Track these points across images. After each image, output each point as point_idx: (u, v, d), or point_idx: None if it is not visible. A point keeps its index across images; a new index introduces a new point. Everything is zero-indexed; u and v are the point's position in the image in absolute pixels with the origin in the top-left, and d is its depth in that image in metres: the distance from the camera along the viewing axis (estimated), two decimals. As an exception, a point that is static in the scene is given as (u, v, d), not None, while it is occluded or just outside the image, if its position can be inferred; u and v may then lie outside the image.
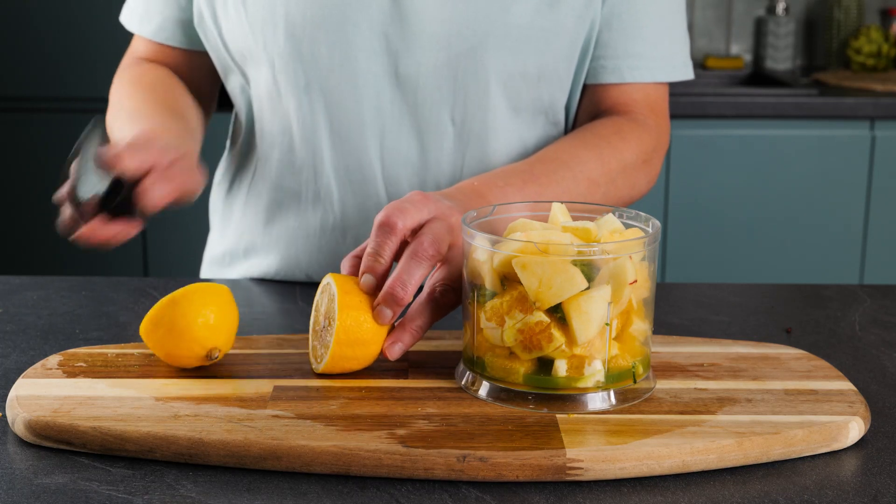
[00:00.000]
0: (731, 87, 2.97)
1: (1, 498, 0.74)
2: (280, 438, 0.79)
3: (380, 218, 0.90)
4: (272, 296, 1.18)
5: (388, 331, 0.90)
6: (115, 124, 1.17)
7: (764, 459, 0.80)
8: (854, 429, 0.82)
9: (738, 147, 2.70)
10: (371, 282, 0.89)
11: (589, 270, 0.82)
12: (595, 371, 0.84)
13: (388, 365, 0.92)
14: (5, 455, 0.80)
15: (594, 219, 0.90)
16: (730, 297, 1.17)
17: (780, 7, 3.16)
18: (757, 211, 2.73)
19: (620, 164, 1.15)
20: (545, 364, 0.84)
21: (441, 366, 0.92)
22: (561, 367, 0.84)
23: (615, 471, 0.77)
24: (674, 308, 1.13)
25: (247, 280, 1.25)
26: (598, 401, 0.84)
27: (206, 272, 1.34)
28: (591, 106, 1.22)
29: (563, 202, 0.92)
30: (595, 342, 0.84)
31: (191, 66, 1.28)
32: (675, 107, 1.92)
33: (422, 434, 0.80)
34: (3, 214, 2.98)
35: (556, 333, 0.83)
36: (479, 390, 0.87)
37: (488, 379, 0.86)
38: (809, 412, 0.84)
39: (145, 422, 0.81)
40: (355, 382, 0.89)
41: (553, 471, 0.77)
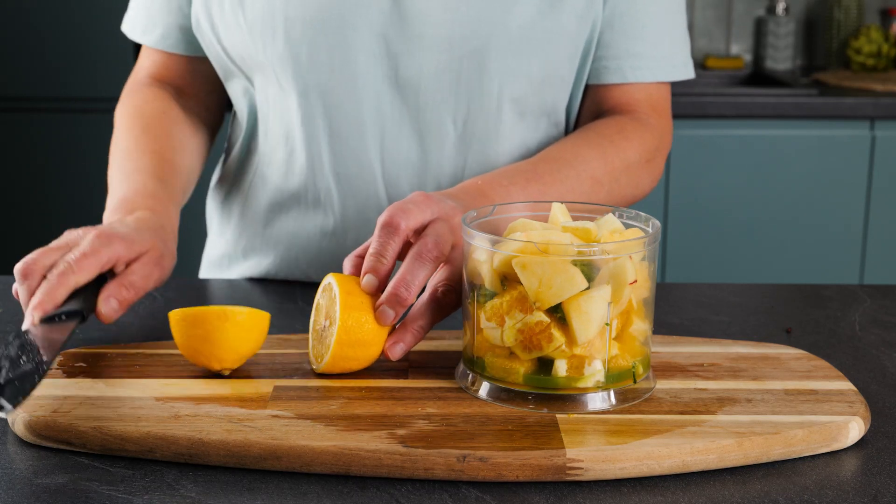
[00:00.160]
0: (731, 87, 2.97)
1: (1, 498, 0.74)
2: (280, 438, 0.79)
3: (383, 218, 0.90)
4: (272, 296, 1.18)
5: (389, 332, 0.90)
6: (110, 171, 1.18)
7: (764, 459, 0.80)
8: (854, 429, 0.82)
9: (738, 147, 2.70)
10: (373, 282, 0.89)
11: (589, 270, 0.82)
12: (595, 371, 0.84)
13: (389, 365, 0.92)
14: (5, 455, 0.80)
15: (594, 219, 0.90)
16: (730, 297, 1.17)
17: (780, 7, 3.16)
18: (757, 211, 2.73)
19: (624, 163, 1.15)
20: (545, 364, 0.84)
21: (441, 366, 0.92)
22: (561, 367, 0.84)
23: (615, 471, 0.77)
24: (674, 308, 1.13)
25: (246, 280, 1.25)
26: (598, 401, 0.84)
27: (205, 274, 1.34)
28: (594, 106, 1.22)
29: (566, 202, 0.92)
30: (595, 342, 0.84)
31: (199, 75, 1.27)
32: (676, 107, 1.92)
33: (422, 434, 0.80)
34: (3, 214, 2.98)
35: (556, 333, 0.83)
36: (479, 390, 0.87)
37: (488, 379, 0.86)
38: (809, 412, 0.84)
39: (145, 422, 0.81)
40: (355, 382, 0.89)
41: (553, 471, 0.77)
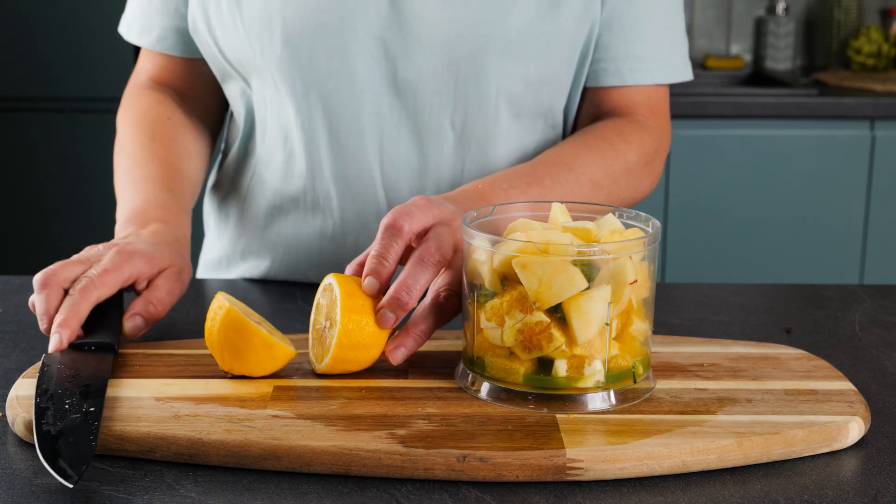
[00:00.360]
0: (731, 87, 2.97)
1: (1, 498, 0.74)
2: (280, 438, 0.79)
3: (386, 221, 0.90)
4: (271, 296, 1.18)
5: (389, 334, 0.90)
6: (116, 177, 1.18)
7: (764, 459, 0.80)
8: (854, 429, 0.82)
9: (738, 147, 2.70)
10: (374, 285, 0.89)
11: (589, 270, 0.82)
12: (595, 371, 0.84)
13: (389, 365, 0.92)
14: (5, 455, 0.80)
15: (594, 219, 0.90)
16: (730, 297, 1.17)
17: (780, 7, 3.16)
18: (757, 211, 2.73)
19: (623, 166, 1.15)
20: (545, 364, 0.84)
21: (441, 366, 0.92)
22: (561, 367, 0.84)
23: (615, 471, 0.77)
24: (674, 308, 1.13)
25: (246, 280, 1.25)
26: (598, 401, 0.84)
27: (203, 275, 1.33)
28: (592, 108, 1.21)
29: (566, 202, 0.92)
30: (595, 342, 0.83)
31: (199, 77, 1.26)
32: (675, 107, 1.92)
33: (422, 434, 0.80)
34: (3, 214, 2.98)
35: (556, 333, 0.83)
36: (479, 390, 0.87)
37: (488, 379, 0.86)
38: (809, 412, 0.84)
39: (145, 422, 0.81)
40: (355, 382, 0.89)
41: (553, 471, 0.77)
